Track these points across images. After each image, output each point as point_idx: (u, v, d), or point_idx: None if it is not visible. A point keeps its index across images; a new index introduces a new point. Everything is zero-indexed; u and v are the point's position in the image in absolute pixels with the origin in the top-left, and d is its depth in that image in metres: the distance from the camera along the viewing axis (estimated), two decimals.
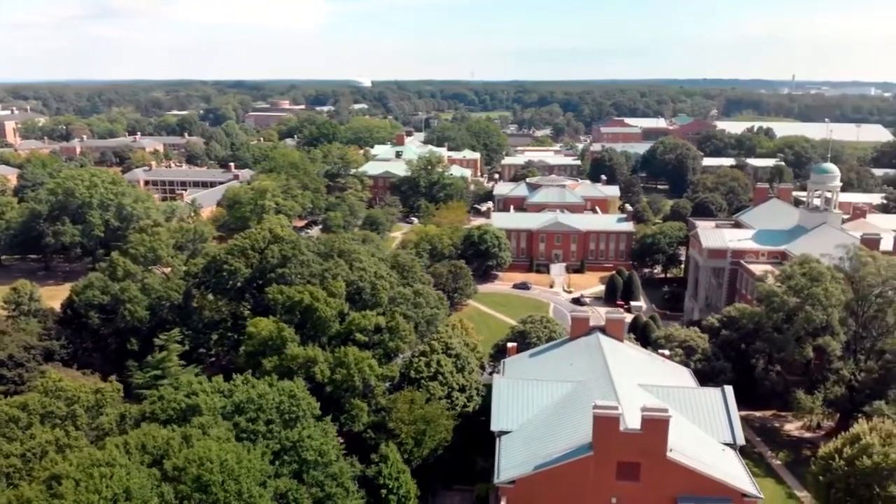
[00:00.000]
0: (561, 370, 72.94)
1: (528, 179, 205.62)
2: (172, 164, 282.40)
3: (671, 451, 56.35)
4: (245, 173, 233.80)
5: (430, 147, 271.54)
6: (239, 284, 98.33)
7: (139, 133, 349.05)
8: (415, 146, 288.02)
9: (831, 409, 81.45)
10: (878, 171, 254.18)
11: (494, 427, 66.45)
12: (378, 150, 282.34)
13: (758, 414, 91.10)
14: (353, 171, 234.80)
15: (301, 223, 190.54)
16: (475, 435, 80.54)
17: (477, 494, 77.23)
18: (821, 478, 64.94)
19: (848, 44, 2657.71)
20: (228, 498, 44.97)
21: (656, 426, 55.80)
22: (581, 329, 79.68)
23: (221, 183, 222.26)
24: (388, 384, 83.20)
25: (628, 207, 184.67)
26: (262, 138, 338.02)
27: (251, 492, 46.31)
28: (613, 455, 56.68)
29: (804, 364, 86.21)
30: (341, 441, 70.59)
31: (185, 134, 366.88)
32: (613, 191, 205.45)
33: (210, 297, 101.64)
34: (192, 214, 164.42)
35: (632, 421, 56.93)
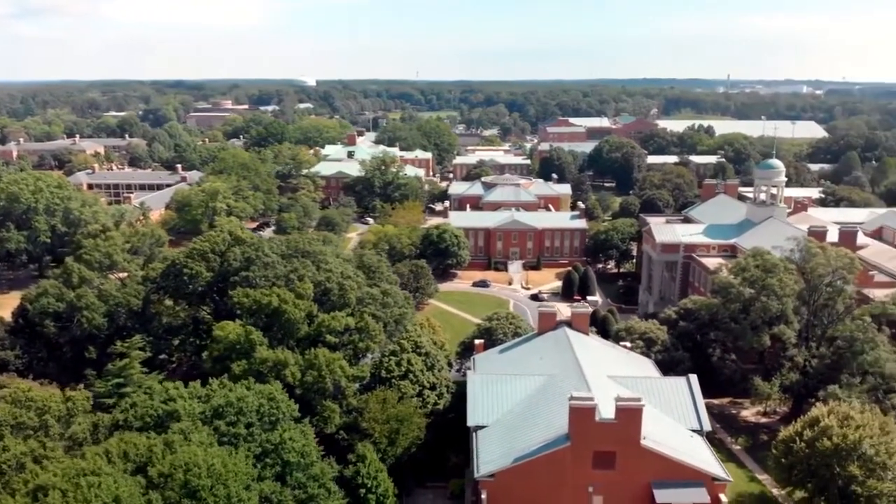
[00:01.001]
0: (531, 364, 74.36)
1: (482, 179, 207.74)
2: (114, 167, 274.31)
3: (645, 438, 58.27)
4: (193, 175, 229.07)
5: (382, 147, 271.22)
6: (200, 288, 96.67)
7: (78, 135, 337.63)
8: (366, 146, 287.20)
9: (787, 394, 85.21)
10: (815, 167, 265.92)
11: (471, 422, 67.38)
12: (329, 150, 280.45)
13: (716, 401, 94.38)
14: (304, 171, 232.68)
15: (253, 225, 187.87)
16: (447, 432, 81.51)
17: (451, 490, 78.27)
18: (783, 460, 68.04)
19: (779, 44, 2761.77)
20: (218, 502, 44.61)
21: (630, 415, 57.59)
22: (548, 324, 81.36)
23: (169, 185, 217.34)
24: (358, 385, 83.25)
25: (581, 205, 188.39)
26: (207, 139, 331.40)
27: (240, 495, 46.05)
28: (590, 445, 58.23)
29: (759, 352, 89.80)
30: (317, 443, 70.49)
31: (126, 135, 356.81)
32: (565, 189, 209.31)
33: (169, 302, 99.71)
34: (142, 218, 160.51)
35: (606, 411, 58.58)
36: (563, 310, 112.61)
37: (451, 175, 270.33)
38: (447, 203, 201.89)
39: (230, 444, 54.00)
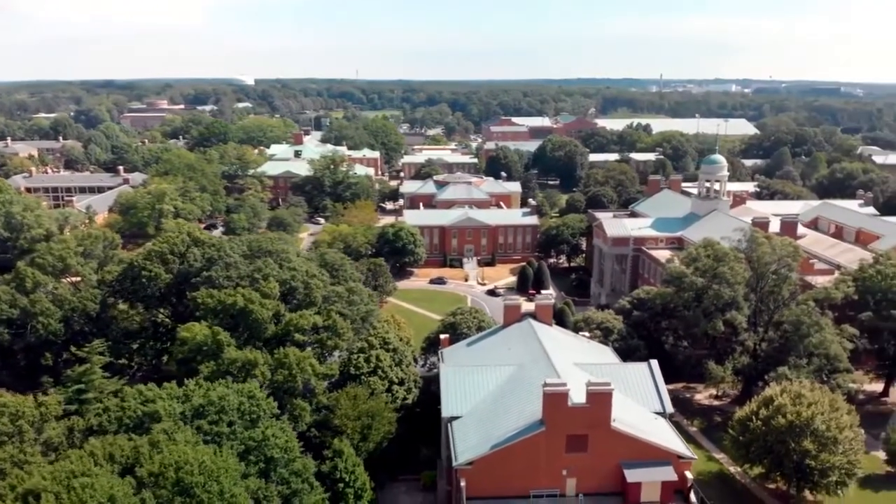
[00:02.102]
0: (500, 355, 76.35)
1: (434, 177, 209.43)
2: (49, 170, 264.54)
3: (614, 421, 60.92)
4: (136, 177, 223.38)
5: (330, 146, 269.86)
6: (160, 291, 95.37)
7: (9, 138, 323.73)
8: (313, 145, 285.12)
9: (738, 377, 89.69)
10: (748, 162, 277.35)
11: (445, 413, 68.85)
12: (275, 149, 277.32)
13: (670, 386, 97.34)
14: (251, 171, 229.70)
15: (201, 226, 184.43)
16: (416, 425, 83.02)
17: (423, 482, 79.68)
18: (740, 438, 71.99)
19: (708, 44, 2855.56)
20: (212, 499, 44.84)
21: (601, 399, 60.13)
22: (513, 316, 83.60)
23: (111, 188, 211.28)
24: (327, 383, 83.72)
25: (531, 202, 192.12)
26: (145, 140, 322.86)
27: (232, 491, 46.40)
28: (563, 429, 60.48)
29: (710, 338, 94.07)
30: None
31: (60, 137, 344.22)
32: (515, 187, 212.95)
33: (123, 306, 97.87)
34: (87, 222, 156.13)
35: (577, 396, 60.98)
36: (535, 301, 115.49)
37: (402, 174, 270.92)
38: (400, 202, 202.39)
39: (214, 442, 54.10)
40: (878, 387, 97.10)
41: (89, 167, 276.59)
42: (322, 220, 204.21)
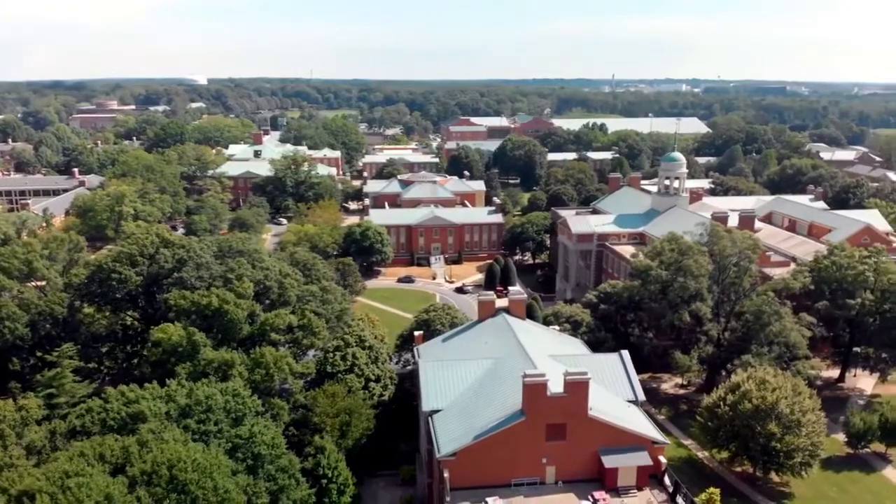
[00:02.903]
0: (477, 349, 77.79)
1: (398, 176, 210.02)
2: (0, 173, 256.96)
3: (591, 409, 63.00)
4: (92, 179, 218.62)
5: (289, 146, 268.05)
6: (130, 293, 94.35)
7: None
8: (272, 145, 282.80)
9: (703, 365, 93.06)
10: (702, 160, 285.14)
11: (425, 407, 69.96)
12: (234, 149, 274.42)
13: (637, 376, 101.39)
14: (210, 172, 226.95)
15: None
16: (393, 421, 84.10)
17: (402, 476, 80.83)
18: (709, 424, 74.98)
19: (658, 44, 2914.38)
20: (206, 495, 45.25)
21: (579, 388, 62.04)
22: (488, 311, 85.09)
23: (66, 190, 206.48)
24: (303, 381, 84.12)
25: (496, 200, 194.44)
26: (98, 141, 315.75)
27: (226, 486, 46.85)
28: (543, 418, 62.14)
29: (675, 329, 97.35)
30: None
31: (9, 140, 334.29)
32: (479, 185, 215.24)
33: (89, 309, 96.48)
34: (45, 225, 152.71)
35: (555, 386, 62.85)
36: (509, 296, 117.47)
37: (365, 174, 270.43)
38: (366, 201, 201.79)
39: (202, 441, 54.37)
40: (834, 373, 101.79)
41: (41, 170, 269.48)
42: (284, 221, 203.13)
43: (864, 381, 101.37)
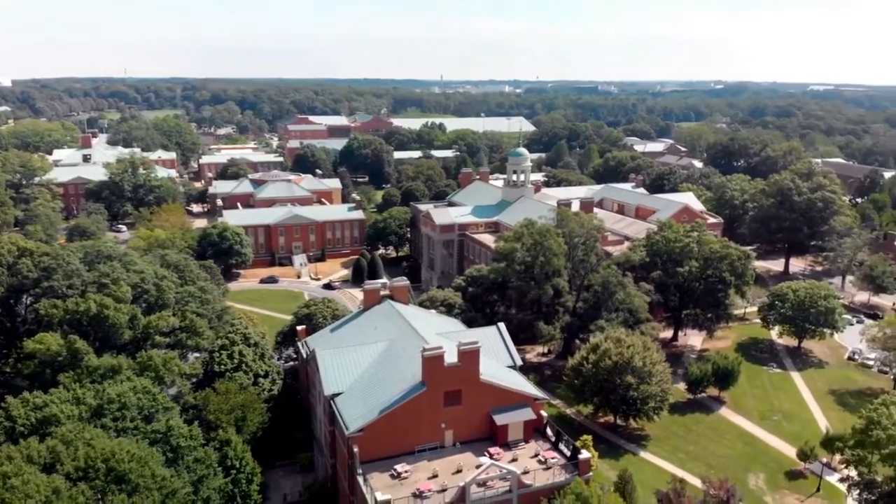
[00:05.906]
0: (369, 334, 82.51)
1: (249, 176, 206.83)
2: None
3: (482, 375, 70.35)
4: None
5: (119, 148, 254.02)
6: None
7: None
8: (102, 148, 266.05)
9: (564, 333, 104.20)
10: (533, 156, 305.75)
11: (327, 392, 73.65)
12: (60, 154, 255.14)
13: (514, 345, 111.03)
14: (38, 179, 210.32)
15: None
16: (284, 414, 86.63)
17: (301, 464, 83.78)
18: (575, 382, 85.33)
19: (483, 46, 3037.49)
20: (147, 482, 46.67)
21: (471, 356, 69.05)
22: (373, 299, 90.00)
23: None
24: (191, 382, 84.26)
25: (355, 197, 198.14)
26: None
27: (163, 474, 48.44)
28: (441, 387, 68.37)
29: (536, 304, 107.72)
30: None
31: None
32: (335, 183, 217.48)
33: None
34: None
35: (450, 357, 69.46)
36: (357, 294, 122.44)
37: (209, 174, 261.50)
38: (218, 202, 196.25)
39: (121, 437, 55.00)
40: (668, 333, 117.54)
41: None
42: (124, 228, 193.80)
43: (693, 339, 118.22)
